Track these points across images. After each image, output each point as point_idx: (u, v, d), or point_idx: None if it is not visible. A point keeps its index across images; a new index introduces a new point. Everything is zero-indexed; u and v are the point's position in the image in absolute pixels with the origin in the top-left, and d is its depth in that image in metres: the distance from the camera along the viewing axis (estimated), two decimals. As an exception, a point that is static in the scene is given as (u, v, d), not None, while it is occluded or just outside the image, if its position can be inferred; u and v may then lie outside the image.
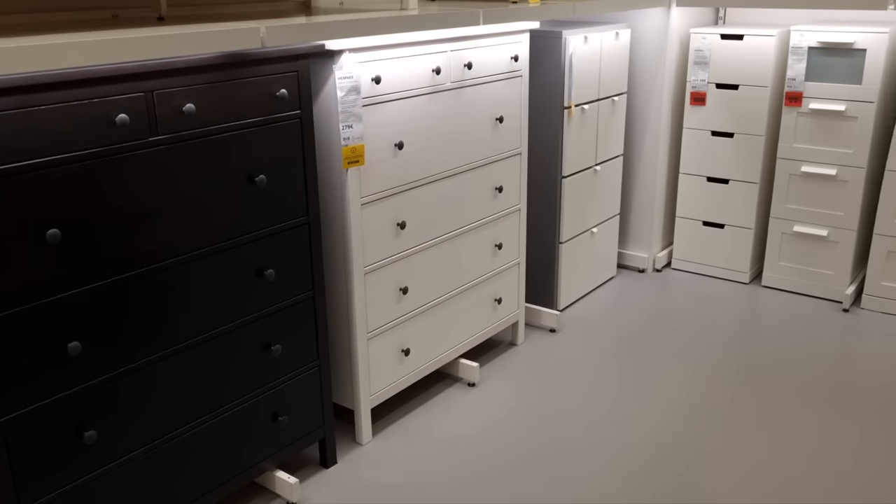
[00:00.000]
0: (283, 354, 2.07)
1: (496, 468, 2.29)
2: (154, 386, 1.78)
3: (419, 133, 2.35)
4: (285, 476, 2.13)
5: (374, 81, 2.16)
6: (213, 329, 1.88)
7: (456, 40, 2.40)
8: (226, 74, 1.77)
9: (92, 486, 1.70)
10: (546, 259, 3.22)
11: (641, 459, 2.33)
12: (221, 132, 1.80)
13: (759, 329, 3.14)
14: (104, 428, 1.70)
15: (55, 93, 1.49)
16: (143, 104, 1.63)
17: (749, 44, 3.32)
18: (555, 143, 3.05)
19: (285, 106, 1.93)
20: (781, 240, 3.45)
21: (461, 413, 2.57)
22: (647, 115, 3.54)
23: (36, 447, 1.58)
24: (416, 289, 2.46)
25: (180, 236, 1.76)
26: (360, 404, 2.36)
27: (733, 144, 3.46)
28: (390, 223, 2.32)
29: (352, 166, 2.14)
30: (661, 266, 3.77)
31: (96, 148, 1.57)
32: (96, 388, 1.66)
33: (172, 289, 1.77)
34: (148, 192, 1.68)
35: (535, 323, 3.20)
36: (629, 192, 3.68)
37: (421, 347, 2.54)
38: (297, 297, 2.08)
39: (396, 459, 2.33)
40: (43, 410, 1.58)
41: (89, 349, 1.64)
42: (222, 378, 1.93)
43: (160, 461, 1.83)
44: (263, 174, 1.91)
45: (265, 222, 1.95)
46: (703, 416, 2.55)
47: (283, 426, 2.12)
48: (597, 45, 3.10)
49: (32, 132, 1.47)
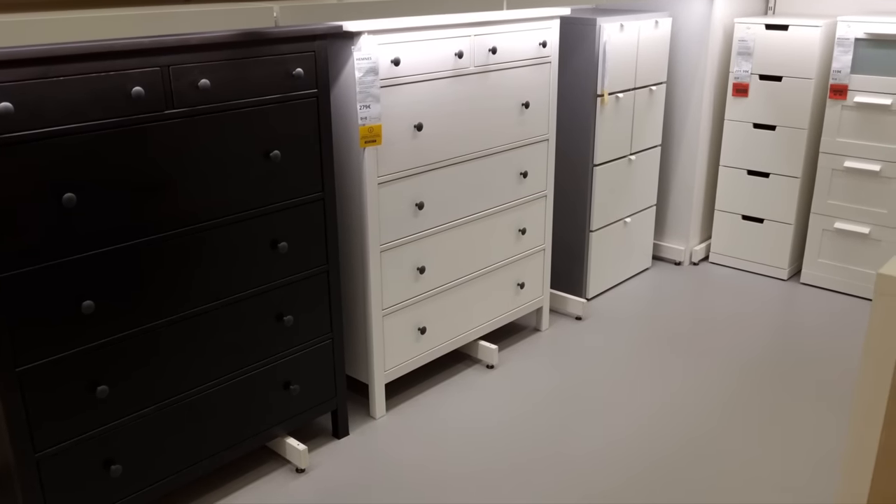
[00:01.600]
0: (296, 325, 2.15)
1: (507, 449, 2.33)
2: (166, 347, 1.87)
3: (440, 116, 2.39)
4: (295, 443, 2.21)
5: (394, 63, 2.20)
6: (226, 296, 1.96)
7: (480, 24, 2.43)
8: (241, 52, 1.85)
9: (105, 438, 1.80)
10: (575, 247, 3.22)
11: (657, 451, 2.33)
12: (237, 108, 1.87)
13: (796, 327, 3.09)
14: (117, 384, 1.80)
15: (74, 65, 1.58)
16: (159, 78, 1.72)
17: (794, 35, 3.25)
18: (587, 131, 3.05)
19: (301, 84, 1.99)
20: (822, 236, 3.37)
21: (477, 394, 2.61)
22: (687, 105, 3.50)
23: (50, 397, 1.69)
24: (433, 269, 2.51)
25: (195, 206, 1.85)
26: (374, 379, 2.43)
27: (775, 137, 3.39)
28: (408, 203, 2.37)
29: (369, 146, 2.20)
30: (699, 259, 3.72)
31: (112, 118, 1.66)
32: (109, 346, 1.77)
33: (186, 255, 1.86)
34: (162, 163, 1.77)
35: (561, 310, 3.21)
36: (667, 183, 3.65)
37: (438, 327, 2.59)
38: (310, 270, 2.15)
39: (408, 435, 2.39)
40: (57, 363, 1.69)
41: (102, 308, 1.74)
42: (233, 344, 2.01)
43: (173, 420, 1.93)
44: (278, 150, 1.98)
45: (279, 196, 2.02)
46: (729, 414, 2.53)
47: (294, 394, 2.20)
48: (634, 33, 3.08)
49: (52, 101, 1.57)
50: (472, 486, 2.16)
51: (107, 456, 1.82)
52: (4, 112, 1.50)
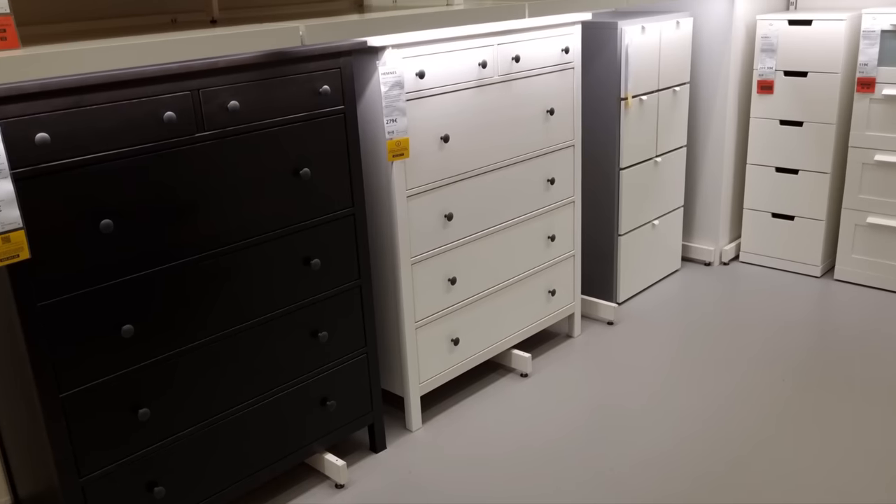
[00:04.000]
0: (330, 341, 2.15)
1: (545, 459, 2.31)
2: (205, 368, 1.88)
3: (466, 126, 2.39)
4: (334, 459, 2.21)
5: (419, 76, 2.21)
6: (262, 314, 1.97)
7: (503, 34, 2.43)
8: (269, 72, 1.86)
9: (148, 461, 1.82)
10: (604, 251, 3.20)
11: (697, 458, 2.30)
12: (266, 128, 1.89)
13: (832, 325, 3.05)
14: (158, 406, 1.81)
15: (106, 93, 1.60)
16: (190, 102, 1.74)
17: (818, 29, 3.22)
18: (611, 135, 3.04)
19: (328, 101, 2.00)
20: (854, 232, 3.33)
21: (512, 403, 2.60)
22: (712, 104, 3.47)
23: (93, 421, 1.71)
24: (465, 279, 2.51)
25: (228, 227, 1.86)
26: (410, 391, 2.43)
27: (803, 133, 3.36)
28: (437, 214, 2.37)
29: (397, 159, 2.20)
30: (729, 259, 3.69)
31: (145, 144, 1.68)
32: (149, 368, 1.78)
33: (221, 277, 1.87)
34: (196, 185, 1.78)
35: (592, 315, 3.19)
36: (694, 184, 3.62)
37: (471, 337, 2.58)
38: (343, 285, 2.15)
39: (445, 447, 2.39)
40: (99, 388, 1.71)
41: (141, 331, 1.75)
42: (271, 362, 2.02)
43: (213, 440, 1.94)
44: (308, 168, 1.99)
45: (311, 213, 2.03)
46: (767, 417, 2.50)
47: (331, 410, 2.20)
48: (655, 34, 3.06)
49: (86, 129, 1.59)
50: (513, 498, 2.15)
51: (150, 478, 1.84)
52: (42, 142, 1.52)
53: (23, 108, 1.50)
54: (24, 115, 1.50)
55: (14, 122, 1.49)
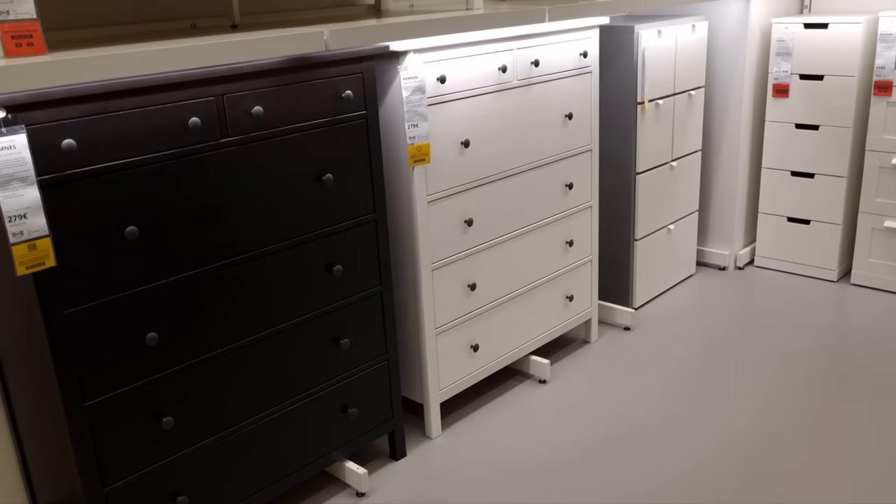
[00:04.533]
0: (351, 348, 2.13)
1: (565, 466, 2.29)
2: (228, 375, 1.87)
3: (486, 131, 2.37)
4: (355, 467, 2.19)
5: (440, 81, 2.20)
6: (285, 322, 1.96)
7: (522, 38, 2.41)
8: (292, 77, 1.85)
9: (171, 470, 1.80)
10: (620, 256, 3.18)
11: (715, 464, 2.28)
12: (289, 133, 1.87)
13: (849, 330, 3.02)
14: (181, 415, 1.79)
15: (131, 99, 1.59)
16: (214, 108, 1.72)
17: (834, 32, 3.20)
18: (628, 140, 3.02)
19: (351, 107, 1.99)
20: (872, 235, 3.31)
21: (531, 410, 2.58)
22: (727, 108, 3.46)
23: (118, 431, 1.69)
24: (484, 285, 2.49)
25: (251, 233, 1.84)
26: (430, 398, 2.41)
27: (819, 137, 3.34)
28: (457, 220, 2.35)
29: (418, 164, 2.19)
30: (744, 264, 3.67)
31: (170, 150, 1.67)
32: (173, 376, 1.76)
33: (245, 283, 1.85)
34: (220, 192, 1.77)
35: (609, 321, 3.17)
36: (709, 188, 3.60)
37: (490, 343, 2.56)
38: (365, 292, 2.13)
39: (465, 454, 2.37)
40: (124, 396, 1.69)
41: (166, 339, 1.73)
42: (293, 369, 2.00)
43: (236, 449, 1.92)
44: (330, 173, 1.97)
45: (333, 219, 2.01)
46: (785, 422, 2.47)
47: (352, 418, 2.18)
48: (671, 38, 3.05)
49: (111, 136, 1.57)
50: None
51: (173, 487, 1.82)
52: (68, 149, 1.51)
53: (49, 115, 1.48)
54: (50, 121, 1.48)
55: (41, 128, 1.48)
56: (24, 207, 1.46)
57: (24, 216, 1.47)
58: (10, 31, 1.46)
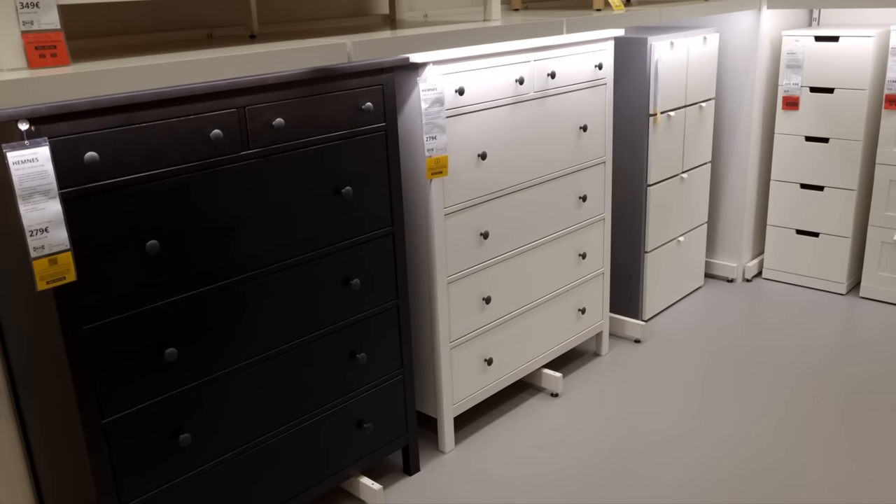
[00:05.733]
0: (368, 362, 2.11)
1: (578, 480, 2.27)
2: (246, 391, 1.84)
3: (502, 143, 2.36)
4: (369, 482, 2.16)
5: (458, 93, 2.18)
6: (304, 336, 1.93)
7: (539, 49, 2.40)
8: (313, 89, 1.82)
9: (187, 486, 1.77)
10: (631, 268, 3.17)
11: (728, 477, 2.26)
12: (309, 145, 1.85)
13: (858, 343, 3.01)
14: (198, 431, 1.76)
15: (155, 110, 1.56)
16: (236, 119, 1.70)
17: (845, 45, 3.20)
18: (640, 151, 3.01)
19: (371, 119, 1.97)
20: (881, 249, 3.30)
21: (544, 424, 2.56)
22: (736, 120, 3.45)
23: (135, 447, 1.66)
24: (499, 298, 2.47)
25: (272, 246, 1.82)
26: (444, 413, 2.38)
27: (829, 150, 3.33)
28: (473, 233, 2.33)
29: (435, 177, 2.16)
30: (752, 276, 3.65)
31: (192, 162, 1.64)
32: (191, 392, 1.73)
33: (265, 297, 1.83)
34: (241, 204, 1.74)
35: (619, 333, 3.15)
36: (717, 200, 3.59)
37: (504, 357, 2.54)
38: (382, 305, 2.11)
39: (479, 469, 2.34)
40: (142, 413, 1.66)
41: (185, 355, 1.71)
42: (310, 384, 1.97)
43: (252, 465, 1.89)
44: (349, 186, 1.95)
45: (351, 232, 1.99)
46: (796, 434, 2.46)
47: (367, 433, 2.15)
48: (683, 50, 3.04)
49: (133, 148, 1.55)
50: (554, 522, 2.11)
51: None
52: (91, 161, 1.48)
53: (73, 127, 1.45)
54: (74, 132, 1.46)
55: (64, 140, 1.45)
56: (45, 221, 1.44)
57: (45, 230, 1.44)
58: (34, 41, 1.44)
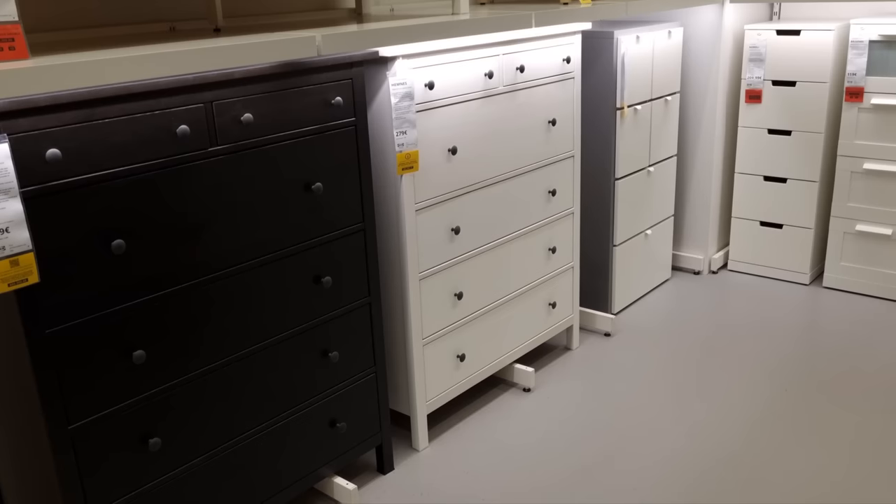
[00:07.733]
0: (340, 361, 2.08)
1: (552, 475, 2.27)
2: (216, 393, 1.79)
3: (472, 138, 2.34)
4: (343, 482, 2.13)
5: (428, 87, 2.15)
6: (274, 336, 1.89)
7: (508, 43, 2.38)
8: (282, 84, 1.79)
9: (157, 493, 1.72)
10: (600, 262, 3.18)
11: (700, 468, 2.28)
12: (278, 141, 1.81)
13: (822, 332, 3.06)
14: (168, 435, 1.72)
15: (118, 106, 1.51)
16: (203, 115, 1.65)
17: (806, 39, 3.24)
18: (608, 145, 3.02)
19: (340, 113, 1.94)
20: (843, 239, 3.36)
21: (517, 419, 2.55)
22: (700, 114, 3.48)
23: (103, 453, 1.61)
24: (470, 294, 2.45)
25: (240, 245, 1.78)
26: (417, 410, 2.36)
27: (791, 142, 3.38)
28: (445, 228, 2.31)
29: (406, 172, 2.14)
30: (717, 268, 3.69)
31: (159, 159, 1.59)
32: (160, 395, 1.69)
33: (235, 296, 1.78)
34: (209, 202, 1.70)
35: (589, 327, 3.16)
36: (683, 193, 3.62)
37: (476, 353, 2.53)
38: (353, 303, 2.08)
39: (453, 466, 2.32)
40: (109, 417, 1.61)
41: (153, 357, 1.66)
42: (282, 385, 1.94)
43: (224, 468, 1.84)
44: (320, 182, 1.92)
45: (322, 229, 1.95)
46: (765, 423, 2.48)
47: (341, 432, 2.12)
48: (649, 44, 3.05)
49: (97, 145, 1.50)
50: (530, 517, 2.10)
51: (160, 511, 1.74)
52: (53, 159, 1.43)
53: (33, 123, 1.40)
54: (34, 129, 1.40)
55: (24, 137, 1.39)
56: (6, 221, 1.38)
57: (6, 230, 1.39)
58: (-10, 34, 1.38)
